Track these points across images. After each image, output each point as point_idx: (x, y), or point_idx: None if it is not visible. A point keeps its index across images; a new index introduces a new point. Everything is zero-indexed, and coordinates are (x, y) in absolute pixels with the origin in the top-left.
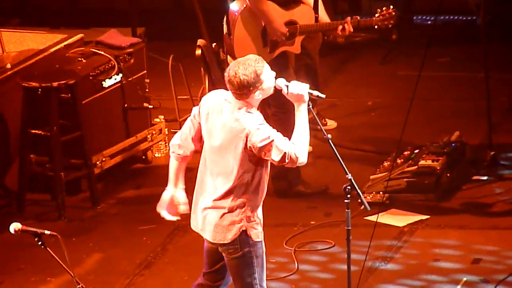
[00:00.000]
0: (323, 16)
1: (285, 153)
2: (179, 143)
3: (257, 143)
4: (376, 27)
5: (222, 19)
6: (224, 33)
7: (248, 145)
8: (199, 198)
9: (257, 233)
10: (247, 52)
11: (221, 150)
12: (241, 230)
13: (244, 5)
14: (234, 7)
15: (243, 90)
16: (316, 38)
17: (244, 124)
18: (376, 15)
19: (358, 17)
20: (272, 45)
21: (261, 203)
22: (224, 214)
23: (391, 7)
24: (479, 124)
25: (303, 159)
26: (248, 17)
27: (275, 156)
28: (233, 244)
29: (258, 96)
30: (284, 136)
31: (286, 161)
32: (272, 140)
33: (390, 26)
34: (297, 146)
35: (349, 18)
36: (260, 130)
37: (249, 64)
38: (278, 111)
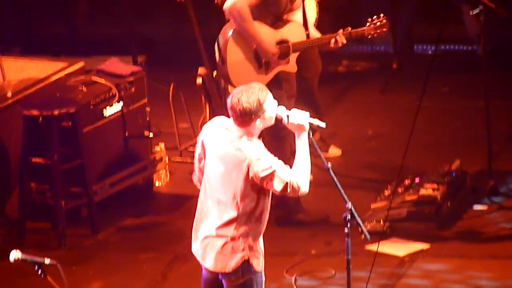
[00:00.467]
0: (314, 33)
1: (287, 182)
2: (196, 177)
3: (259, 173)
4: (369, 36)
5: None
6: (217, 61)
7: (250, 174)
8: (200, 226)
9: (259, 262)
10: (244, 77)
11: (222, 178)
12: (243, 260)
13: (232, 29)
14: (223, 33)
15: (244, 117)
16: (315, 66)
17: (246, 153)
18: (367, 24)
19: (350, 28)
20: (267, 66)
21: (262, 232)
22: (226, 242)
23: (382, 15)
24: (479, 153)
25: (305, 188)
26: (238, 41)
27: (277, 186)
28: (235, 273)
29: (259, 125)
30: None
31: (288, 190)
32: (274, 170)
33: (383, 33)
34: (298, 176)
35: (341, 30)
36: (262, 160)
37: (253, 92)
38: (272, 140)
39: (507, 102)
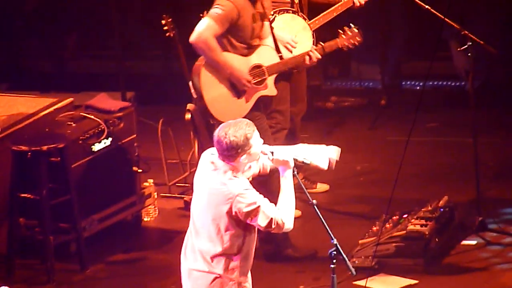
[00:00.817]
0: (287, 54)
1: (271, 218)
2: None
3: (242, 209)
4: (344, 48)
5: None
6: (194, 98)
7: (234, 210)
8: (185, 260)
9: None
10: (224, 109)
11: (207, 213)
12: None
13: (203, 64)
14: (194, 70)
15: (231, 151)
16: (302, 103)
17: (230, 189)
18: (339, 35)
19: (322, 43)
20: (246, 94)
21: (248, 267)
22: (215, 278)
23: (351, 25)
24: (467, 189)
25: (289, 225)
26: (211, 74)
27: (262, 222)
28: None
29: (244, 160)
30: None
31: (273, 226)
32: (259, 206)
33: (356, 44)
34: (283, 212)
35: (313, 46)
36: (246, 196)
37: (240, 127)
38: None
39: (495, 139)
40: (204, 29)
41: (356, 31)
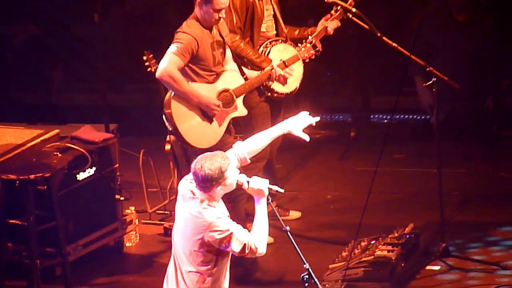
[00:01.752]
0: (251, 74)
1: (245, 244)
2: None
3: (215, 236)
4: (306, 60)
5: None
6: (170, 130)
7: (206, 237)
8: (166, 284)
9: None
10: (199, 136)
11: (184, 238)
12: None
13: (172, 96)
14: (165, 104)
15: (206, 183)
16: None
17: (205, 217)
18: (298, 49)
19: (282, 59)
20: (218, 119)
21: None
22: None
23: (309, 37)
24: (432, 217)
25: (262, 249)
26: (181, 105)
27: (235, 248)
28: None
29: (219, 191)
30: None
31: (246, 251)
32: (231, 233)
33: (317, 54)
34: (256, 237)
35: (274, 62)
36: (219, 223)
37: (216, 160)
38: (225, 201)
39: (458, 169)
40: (168, 63)
41: (313, 41)
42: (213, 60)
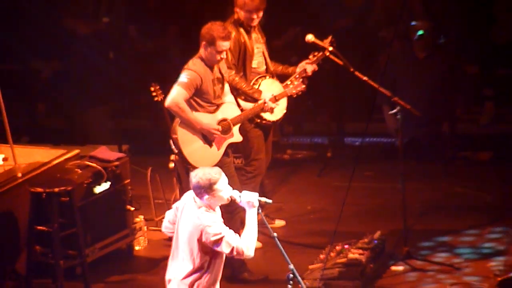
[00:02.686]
0: (246, 106)
1: (233, 247)
2: (166, 225)
3: (210, 237)
4: (294, 95)
5: None
6: (175, 152)
7: (203, 238)
8: (169, 271)
9: None
10: (201, 158)
11: (184, 239)
12: None
13: (178, 124)
14: (172, 130)
15: (196, 190)
16: (268, 154)
17: (202, 221)
18: (285, 86)
19: (273, 93)
20: (217, 144)
21: (217, 284)
22: None
23: (296, 76)
24: (396, 225)
25: (249, 252)
26: (186, 131)
27: (225, 249)
28: None
29: (209, 200)
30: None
31: (234, 253)
32: (223, 236)
33: (303, 90)
34: (245, 242)
35: (266, 96)
36: (213, 227)
37: (208, 173)
38: (224, 212)
39: (419, 185)
40: (176, 95)
41: (298, 82)
42: (213, 94)
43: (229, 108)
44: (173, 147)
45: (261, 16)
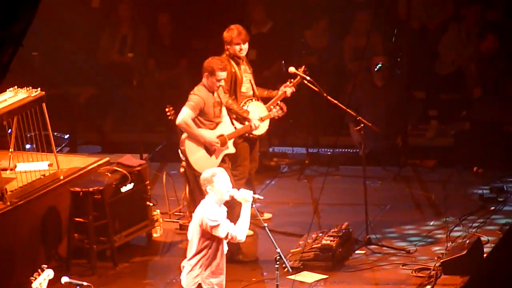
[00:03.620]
0: (238, 126)
1: (228, 232)
2: None
3: (208, 223)
4: (276, 117)
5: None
6: (183, 160)
7: (203, 225)
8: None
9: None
10: (202, 165)
11: (192, 227)
12: (197, 283)
13: (186, 138)
14: (181, 143)
15: (202, 182)
16: (255, 161)
17: (203, 210)
18: (272, 110)
19: (260, 115)
20: (216, 154)
21: (216, 266)
22: (189, 271)
23: (279, 102)
24: (360, 218)
25: (240, 237)
26: (192, 144)
27: (221, 234)
28: None
29: (212, 191)
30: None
31: (229, 237)
32: (220, 223)
33: (282, 114)
34: (237, 230)
35: (255, 119)
36: (211, 215)
37: (212, 169)
38: (227, 206)
39: (378, 186)
40: (184, 115)
41: (282, 104)
42: (213, 114)
43: (226, 126)
44: (181, 156)
45: (247, 48)
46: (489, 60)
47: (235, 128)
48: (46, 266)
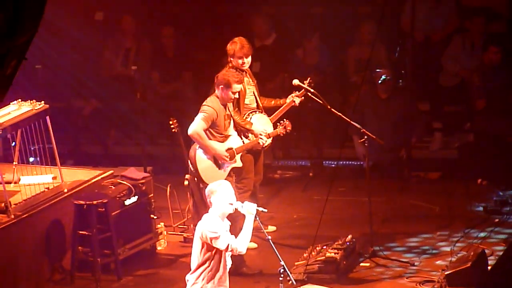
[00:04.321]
0: (246, 140)
1: (228, 244)
2: None
3: (209, 234)
4: (281, 134)
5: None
6: (191, 170)
7: (204, 235)
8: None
9: None
10: (211, 176)
11: (195, 240)
12: None
13: (196, 148)
14: (191, 151)
15: (206, 194)
16: (259, 174)
17: (204, 222)
18: (278, 127)
19: (265, 128)
20: (224, 167)
21: (219, 279)
22: (193, 283)
23: (284, 119)
24: (364, 230)
25: (241, 249)
26: (202, 155)
27: (221, 245)
28: None
29: (214, 203)
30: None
31: (229, 249)
32: (220, 235)
33: (288, 131)
34: (238, 242)
35: (260, 134)
36: (213, 227)
37: (217, 182)
38: (229, 219)
39: (382, 198)
40: (197, 126)
41: (287, 123)
42: (224, 127)
43: (234, 140)
44: (190, 166)
45: (250, 61)
46: (492, 72)
47: (243, 142)
48: None
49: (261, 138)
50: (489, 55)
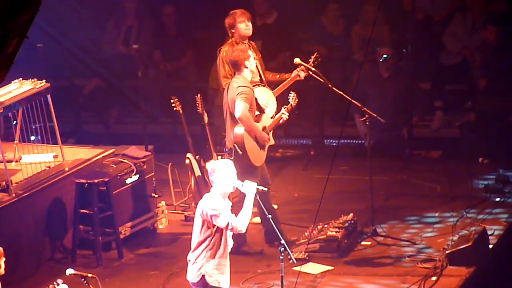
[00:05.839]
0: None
1: (228, 222)
2: None
3: (209, 213)
4: (293, 106)
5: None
6: (235, 150)
7: (205, 213)
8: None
9: (212, 280)
10: (256, 156)
11: (195, 218)
12: (201, 275)
13: (243, 130)
14: (236, 134)
15: (209, 172)
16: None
17: (205, 201)
18: (292, 101)
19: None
20: (263, 147)
21: (219, 258)
22: (193, 262)
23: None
24: (365, 209)
25: (241, 228)
26: (248, 136)
27: (221, 223)
28: (196, 284)
29: (216, 183)
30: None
31: (229, 227)
32: (220, 213)
33: (294, 105)
34: (238, 220)
35: (284, 108)
36: (214, 205)
37: (219, 162)
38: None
39: (383, 177)
40: (243, 109)
41: (295, 94)
42: (255, 108)
43: (265, 118)
44: (237, 149)
45: (251, 27)
46: (494, 51)
47: (271, 117)
48: (61, 281)
49: (284, 114)
50: (489, 34)
